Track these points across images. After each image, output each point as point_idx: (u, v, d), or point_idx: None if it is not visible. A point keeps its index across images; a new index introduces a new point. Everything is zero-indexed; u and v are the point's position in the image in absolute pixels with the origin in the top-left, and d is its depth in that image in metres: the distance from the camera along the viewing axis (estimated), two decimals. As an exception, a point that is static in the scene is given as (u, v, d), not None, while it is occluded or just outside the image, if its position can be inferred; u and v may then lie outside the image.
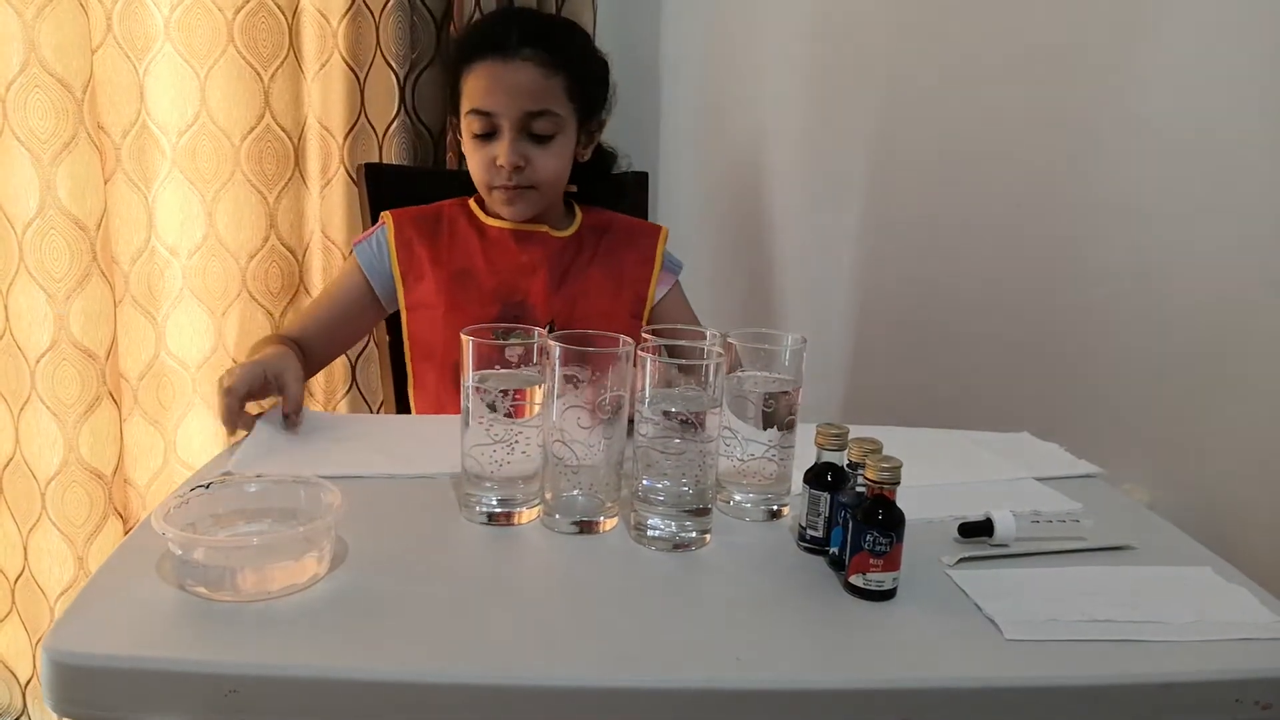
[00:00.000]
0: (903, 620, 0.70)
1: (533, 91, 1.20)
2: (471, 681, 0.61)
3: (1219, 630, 0.69)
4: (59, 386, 1.65)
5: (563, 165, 1.26)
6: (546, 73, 1.20)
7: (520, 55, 1.19)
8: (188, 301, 1.82)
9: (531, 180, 1.23)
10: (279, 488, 0.77)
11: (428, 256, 1.27)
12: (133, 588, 0.68)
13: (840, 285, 1.69)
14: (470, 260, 1.27)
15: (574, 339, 0.78)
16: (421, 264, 1.27)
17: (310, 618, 0.66)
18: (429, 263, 1.27)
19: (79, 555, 1.72)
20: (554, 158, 1.24)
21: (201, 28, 1.71)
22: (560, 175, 1.27)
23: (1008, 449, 1.06)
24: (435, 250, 1.28)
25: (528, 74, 1.19)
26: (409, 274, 1.27)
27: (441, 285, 1.26)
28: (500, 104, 1.20)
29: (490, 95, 1.20)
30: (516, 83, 1.19)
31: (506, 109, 1.20)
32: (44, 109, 1.55)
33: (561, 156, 1.25)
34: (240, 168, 1.79)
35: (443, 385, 1.28)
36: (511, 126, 1.21)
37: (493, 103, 1.20)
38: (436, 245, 1.28)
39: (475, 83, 1.21)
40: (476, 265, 1.27)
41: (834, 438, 0.79)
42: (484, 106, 1.21)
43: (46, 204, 1.58)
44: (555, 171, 1.25)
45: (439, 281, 1.26)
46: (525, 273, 1.28)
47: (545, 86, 1.20)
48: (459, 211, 1.31)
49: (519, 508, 0.82)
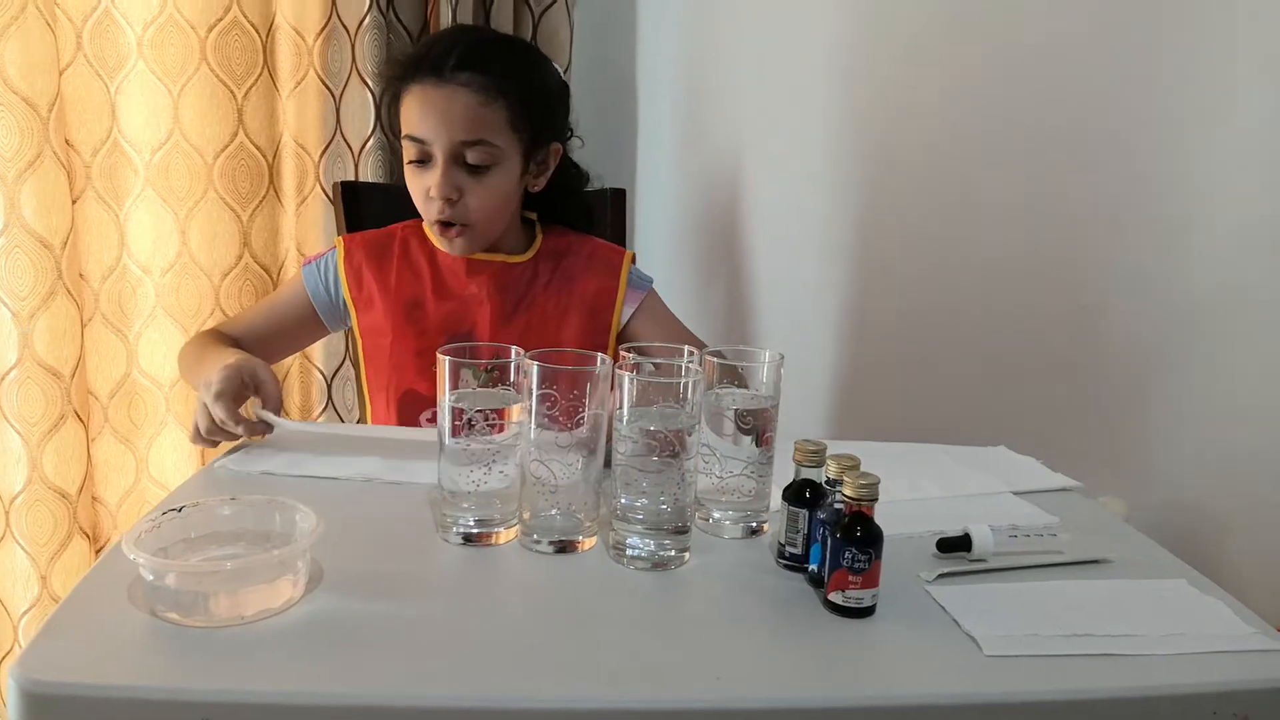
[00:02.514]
0: (882, 637, 0.70)
1: (465, 120, 1.13)
2: (450, 704, 0.60)
3: (1196, 643, 0.69)
4: (23, 405, 1.62)
5: (498, 201, 1.19)
6: (484, 99, 1.13)
7: (456, 80, 1.13)
8: (160, 320, 1.80)
9: (464, 218, 1.17)
10: (252, 510, 0.76)
11: (377, 285, 1.24)
12: (103, 613, 0.67)
13: (818, 302, 1.70)
14: (419, 289, 1.24)
15: (551, 358, 0.77)
16: (371, 291, 1.24)
17: (285, 642, 0.65)
18: (378, 291, 1.24)
19: (42, 574, 1.69)
20: (488, 193, 1.17)
21: (174, 45, 1.70)
22: (496, 211, 1.20)
23: (985, 463, 1.06)
24: (384, 278, 1.24)
25: (462, 101, 1.13)
26: (358, 300, 1.25)
27: (389, 315, 1.23)
28: (431, 131, 1.14)
29: (422, 122, 1.14)
30: (450, 110, 1.13)
31: (438, 136, 1.14)
32: (8, 127, 1.54)
33: (497, 191, 1.18)
34: (213, 186, 1.78)
35: (391, 415, 1.25)
36: (444, 156, 1.14)
37: (425, 129, 1.14)
38: (386, 272, 1.24)
39: (410, 106, 1.16)
40: (425, 295, 1.24)
41: (812, 454, 0.79)
42: (416, 133, 1.15)
43: (10, 222, 1.56)
44: (491, 208, 1.19)
45: (387, 311, 1.24)
46: (473, 304, 1.24)
47: (480, 115, 1.14)
48: (412, 235, 1.27)
49: (497, 528, 0.82)
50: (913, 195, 1.48)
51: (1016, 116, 1.28)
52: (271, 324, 1.28)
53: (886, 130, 1.52)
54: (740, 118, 1.90)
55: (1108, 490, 1.03)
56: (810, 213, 1.70)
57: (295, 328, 1.29)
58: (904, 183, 1.50)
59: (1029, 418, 1.27)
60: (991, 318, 1.34)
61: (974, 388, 1.38)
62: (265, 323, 1.28)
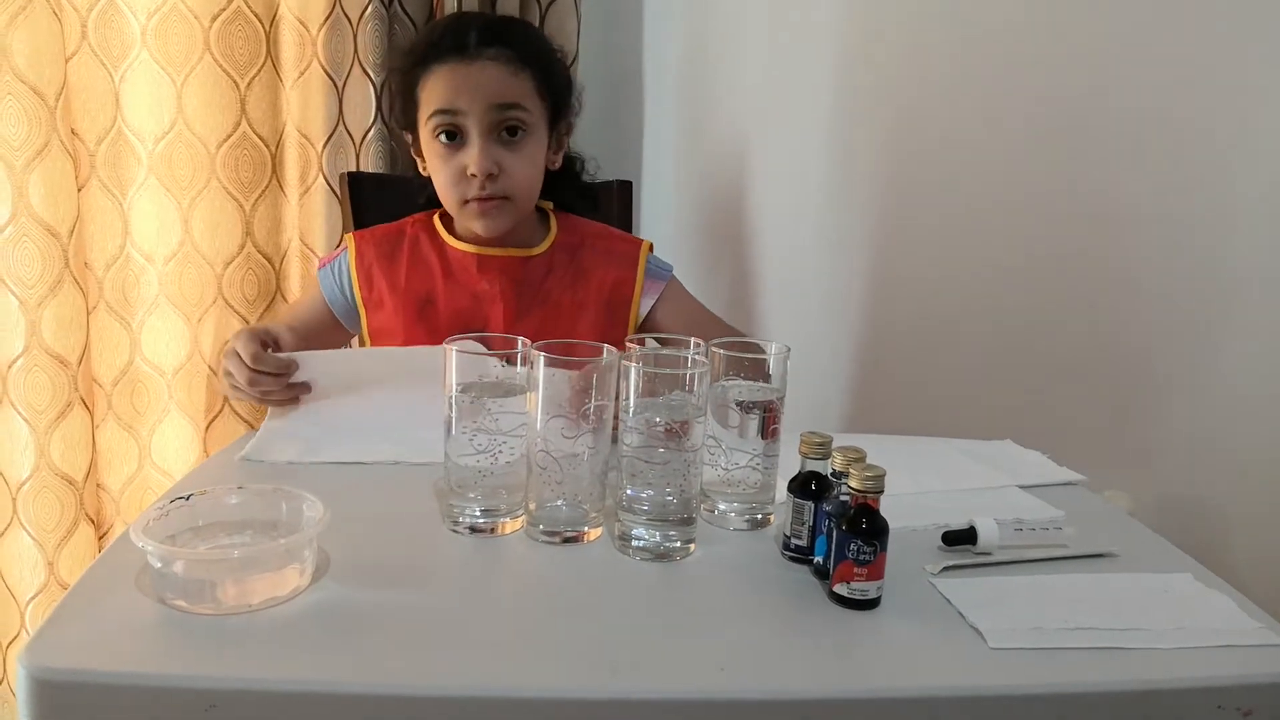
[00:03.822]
0: (887, 629, 0.70)
1: (500, 87, 1.14)
2: (455, 694, 0.60)
3: (1200, 637, 0.69)
4: (30, 392, 1.63)
5: (536, 171, 1.20)
6: (513, 69, 1.15)
7: (484, 55, 1.14)
8: (163, 308, 1.81)
9: (505, 190, 1.16)
10: (259, 499, 0.76)
11: (387, 284, 1.23)
12: (111, 601, 0.67)
13: (823, 294, 1.70)
14: (430, 287, 1.23)
15: (558, 348, 0.77)
16: (381, 292, 1.23)
17: (292, 630, 0.65)
18: (388, 290, 1.23)
19: (49, 561, 1.70)
20: (526, 161, 1.17)
21: (178, 35, 1.70)
22: (534, 182, 1.20)
23: (991, 456, 1.06)
24: (394, 277, 1.23)
25: (493, 70, 1.14)
26: (369, 301, 1.24)
27: (400, 315, 1.22)
28: (466, 101, 1.13)
29: (456, 93, 1.14)
30: (483, 78, 1.14)
31: (472, 105, 1.13)
32: (16, 116, 1.54)
33: (534, 161, 1.19)
34: (216, 175, 1.78)
35: None
36: (480, 127, 1.14)
37: (459, 100, 1.13)
38: (396, 271, 1.23)
39: (436, 85, 1.15)
40: (436, 292, 1.22)
41: (818, 446, 0.79)
42: (448, 105, 1.14)
43: (19, 210, 1.57)
44: (529, 178, 1.19)
45: (398, 310, 1.22)
46: (485, 301, 1.22)
47: (511, 82, 1.15)
48: (421, 230, 1.26)
49: (502, 518, 0.82)
50: (920, 188, 1.48)
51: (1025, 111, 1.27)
52: (302, 329, 1.25)
53: (894, 121, 1.52)
54: (747, 109, 1.90)
55: (1113, 484, 1.03)
56: (817, 205, 1.70)
57: (317, 332, 1.27)
58: (911, 175, 1.49)
59: (1035, 411, 1.27)
60: (998, 311, 1.34)
61: (980, 381, 1.38)
62: (298, 325, 1.25)
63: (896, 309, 1.55)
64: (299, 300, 1.34)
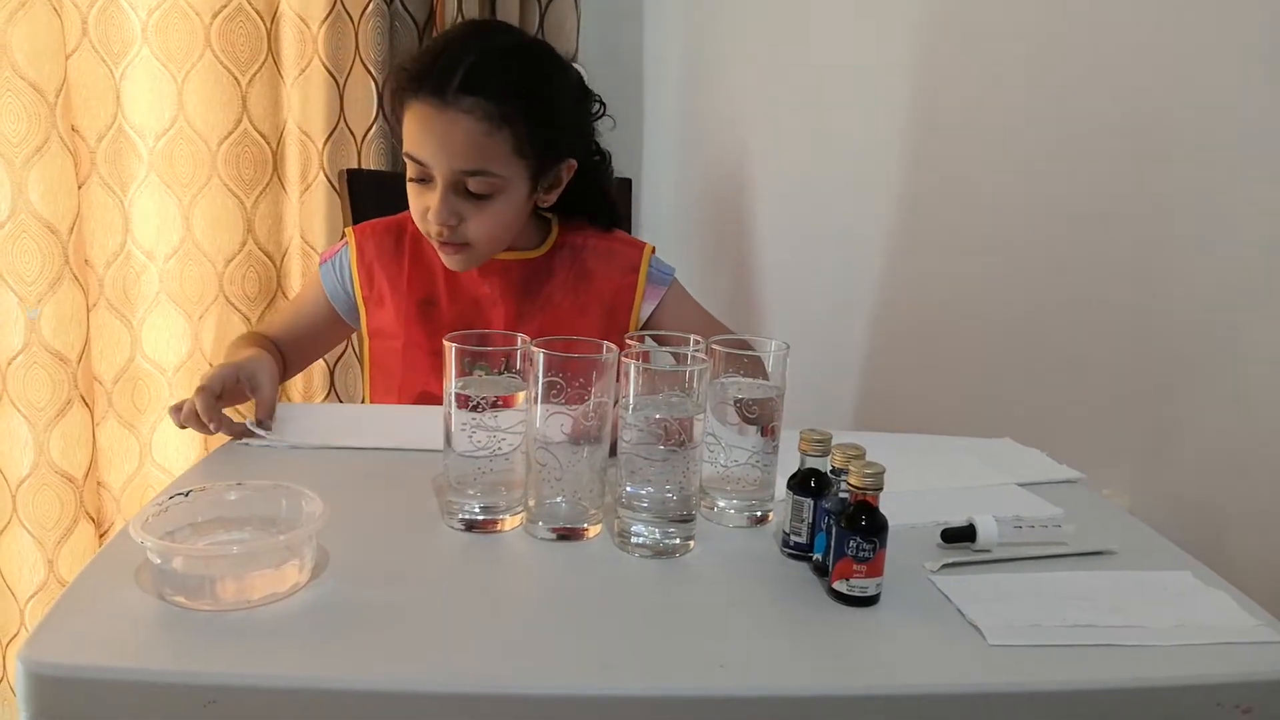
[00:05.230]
0: (886, 626, 0.70)
1: (467, 150, 1.07)
2: (455, 690, 0.60)
3: (1199, 634, 0.69)
4: (30, 390, 1.63)
5: (499, 227, 1.14)
6: (488, 129, 1.07)
7: (459, 105, 1.06)
8: (164, 305, 1.81)
9: (467, 238, 1.13)
10: (259, 495, 0.76)
11: (388, 283, 1.22)
12: (110, 597, 0.67)
13: (824, 292, 1.70)
14: (431, 288, 1.22)
15: (558, 345, 0.77)
16: (382, 290, 1.22)
17: (291, 627, 0.65)
18: (389, 290, 1.22)
19: (49, 558, 1.70)
20: (489, 219, 1.12)
21: (179, 32, 1.70)
22: (501, 232, 1.15)
23: (990, 454, 1.06)
24: (396, 276, 1.22)
25: (464, 129, 1.06)
26: (369, 299, 1.23)
27: (401, 315, 1.21)
28: (431, 155, 1.09)
29: (423, 145, 1.09)
30: (450, 137, 1.07)
31: (437, 161, 1.09)
32: (15, 113, 1.54)
33: (498, 218, 1.13)
34: (217, 172, 1.78)
35: None
36: (443, 182, 1.09)
37: (424, 152, 1.09)
38: (398, 269, 1.22)
39: (411, 124, 1.10)
40: (438, 293, 1.22)
41: (817, 443, 0.79)
42: (416, 155, 1.10)
43: (18, 207, 1.57)
44: (492, 231, 1.14)
45: (399, 311, 1.21)
46: (487, 305, 1.22)
47: (483, 145, 1.07)
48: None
49: (501, 515, 0.82)
50: (922, 185, 1.48)
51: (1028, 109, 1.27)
52: (300, 327, 1.27)
53: (896, 118, 1.52)
54: (747, 106, 1.90)
55: (1112, 482, 1.03)
56: (817, 202, 1.70)
57: (322, 329, 1.28)
58: (913, 172, 1.49)
59: (1035, 409, 1.27)
60: (998, 309, 1.34)
61: (980, 379, 1.38)
62: (293, 326, 1.27)
63: (897, 308, 1.55)
64: (300, 296, 1.33)
